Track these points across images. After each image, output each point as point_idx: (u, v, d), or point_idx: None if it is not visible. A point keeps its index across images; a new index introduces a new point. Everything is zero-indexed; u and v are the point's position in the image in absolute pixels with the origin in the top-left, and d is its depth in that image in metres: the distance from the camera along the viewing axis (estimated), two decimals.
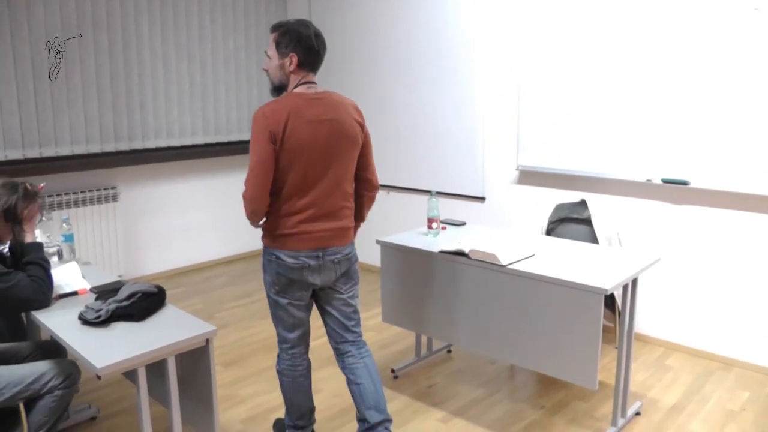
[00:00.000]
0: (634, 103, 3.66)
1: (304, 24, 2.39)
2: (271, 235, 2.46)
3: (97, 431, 2.94)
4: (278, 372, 2.68)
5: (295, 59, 2.38)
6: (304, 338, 2.63)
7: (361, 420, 2.58)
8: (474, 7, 4.36)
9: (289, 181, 2.37)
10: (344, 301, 2.60)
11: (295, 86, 2.42)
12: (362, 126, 2.50)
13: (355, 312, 2.65)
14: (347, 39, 5.28)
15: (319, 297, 2.59)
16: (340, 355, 2.65)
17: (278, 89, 2.46)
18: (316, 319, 2.67)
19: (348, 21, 5.25)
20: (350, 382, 2.62)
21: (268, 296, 2.56)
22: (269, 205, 2.41)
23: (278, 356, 2.67)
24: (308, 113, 2.35)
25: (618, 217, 3.90)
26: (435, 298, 3.12)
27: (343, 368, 2.64)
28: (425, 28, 4.69)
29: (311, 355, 3.72)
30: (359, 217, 2.65)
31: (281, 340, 2.62)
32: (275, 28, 2.42)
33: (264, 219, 2.47)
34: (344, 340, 2.63)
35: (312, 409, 2.76)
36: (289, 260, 2.43)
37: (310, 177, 2.39)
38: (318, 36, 2.41)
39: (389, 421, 2.57)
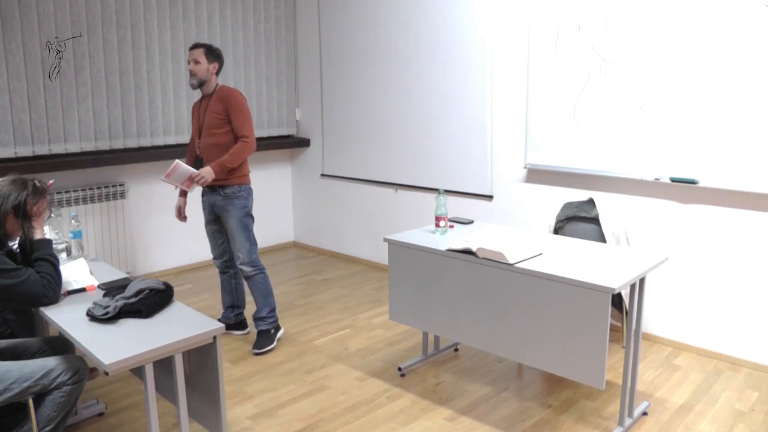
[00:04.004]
0: (643, 100, 3.63)
1: (216, 47, 3.70)
2: (244, 174, 3.71)
3: (104, 427, 2.96)
4: (261, 272, 3.77)
5: (216, 66, 3.67)
6: None
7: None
8: (484, 6, 4.35)
9: None
10: None
11: (218, 83, 3.69)
12: None
13: None
14: (354, 35, 5.28)
15: None
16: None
17: (201, 84, 3.64)
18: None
19: (356, 16, 5.24)
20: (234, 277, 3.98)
21: (243, 219, 3.69)
22: None
23: (256, 264, 3.74)
24: None
25: (626, 216, 3.89)
26: (442, 296, 3.12)
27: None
28: (435, 25, 4.68)
29: (318, 354, 3.74)
30: None
31: (254, 251, 3.74)
32: (201, 45, 3.63)
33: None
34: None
35: None
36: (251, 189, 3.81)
37: None
38: None
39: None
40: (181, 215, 3.93)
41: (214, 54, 3.65)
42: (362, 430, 2.90)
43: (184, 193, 3.92)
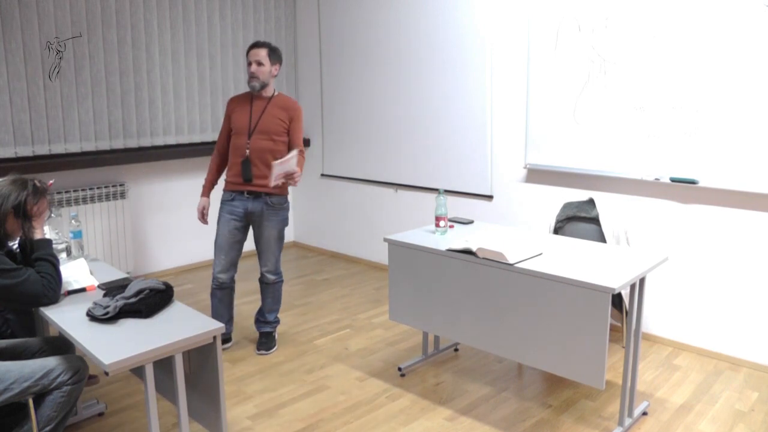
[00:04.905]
0: (643, 100, 3.63)
1: (277, 46, 3.53)
2: (285, 188, 3.59)
3: (104, 427, 2.96)
4: (282, 280, 3.78)
5: (278, 68, 3.53)
6: None
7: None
8: (484, 6, 4.35)
9: None
10: None
11: (274, 87, 3.58)
12: None
13: None
14: (354, 35, 5.28)
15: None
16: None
17: (263, 87, 3.49)
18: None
19: (356, 16, 5.24)
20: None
21: (283, 231, 3.67)
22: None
23: (279, 272, 3.73)
24: None
25: (626, 216, 3.89)
26: (442, 296, 3.12)
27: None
28: (435, 25, 4.68)
29: (318, 354, 3.74)
30: None
31: (280, 259, 3.72)
32: (263, 45, 3.47)
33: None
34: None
35: None
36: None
37: None
38: None
39: None
40: (205, 217, 3.70)
41: (276, 55, 3.50)
42: (362, 430, 2.90)
43: (207, 192, 3.70)
